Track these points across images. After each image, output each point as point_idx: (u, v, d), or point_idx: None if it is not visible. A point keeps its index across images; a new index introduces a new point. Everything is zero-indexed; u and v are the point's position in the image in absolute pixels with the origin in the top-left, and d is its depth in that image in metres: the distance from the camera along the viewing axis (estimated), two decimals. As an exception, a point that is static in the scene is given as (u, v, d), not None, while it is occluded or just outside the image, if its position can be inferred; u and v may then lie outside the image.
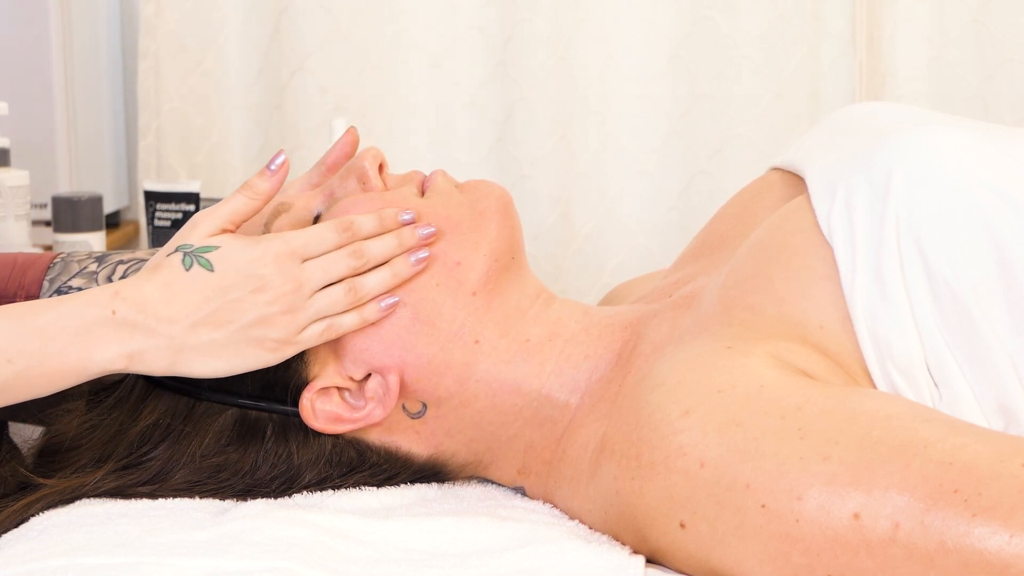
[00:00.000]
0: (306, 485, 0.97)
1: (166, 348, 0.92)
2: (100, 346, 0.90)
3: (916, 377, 0.89)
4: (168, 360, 0.92)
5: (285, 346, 0.93)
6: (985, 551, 0.75)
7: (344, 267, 0.94)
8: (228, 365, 0.93)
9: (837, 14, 1.93)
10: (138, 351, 0.91)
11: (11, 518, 0.93)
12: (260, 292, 0.92)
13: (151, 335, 0.91)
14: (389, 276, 0.96)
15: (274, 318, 0.92)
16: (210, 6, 2.02)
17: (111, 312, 0.91)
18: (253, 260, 0.93)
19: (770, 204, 1.06)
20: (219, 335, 0.92)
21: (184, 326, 0.92)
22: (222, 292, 0.92)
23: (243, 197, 0.96)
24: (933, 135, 0.94)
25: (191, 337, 0.92)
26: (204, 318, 0.92)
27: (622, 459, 0.88)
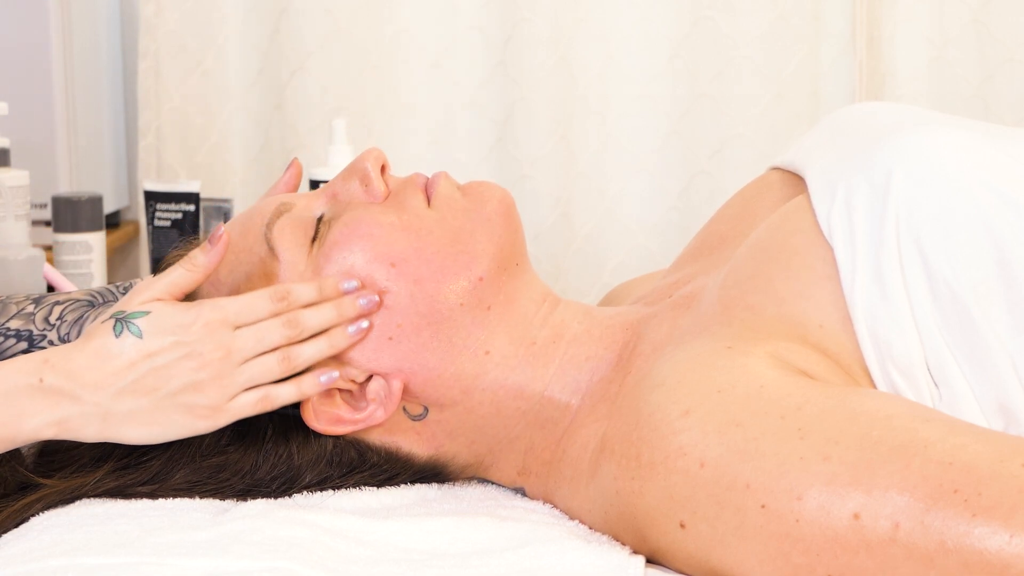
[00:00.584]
0: (306, 485, 0.97)
1: (93, 415, 0.91)
2: (28, 414, 0.91)
3: (916, 377, 0.89)
4: (96, 427, 0.92)
5: (217, 413, 0.92)
6: (985, 551, 0.76)
7: (278, 336, 0.93)
8: (158, 432, 0.92)
9: (837, 14, 1.93)
10: (65, 418, 0.91)
11: (11, 518, 0.93)
12: (188, 359, 0.91)
13: (77, 402, 0.91)
14: (326, 346, 0.94)
15: (203, 385, 0.91)
16: (210, 6, 2.02)
17: (39, 380, 0.91)
18: (182, 326, 0.92)
19: (770, 204, 1.06)
20: (145, 402, 0.91)
21: (109, 393, 0.91)
22: (149, 358, 0.91)
23: (182, 270, 0.95)
24: (933, 135, 0.94)
25: (117, 404, 0.91)
26: (130, 384, 0.91)
27: (622, 459, 0.88)
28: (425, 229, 0.97)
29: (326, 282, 0.95)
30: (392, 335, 0.96)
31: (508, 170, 2.01)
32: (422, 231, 0.97)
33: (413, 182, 1.01)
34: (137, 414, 0.92)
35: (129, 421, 0.92)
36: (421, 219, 0.98)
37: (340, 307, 0.95)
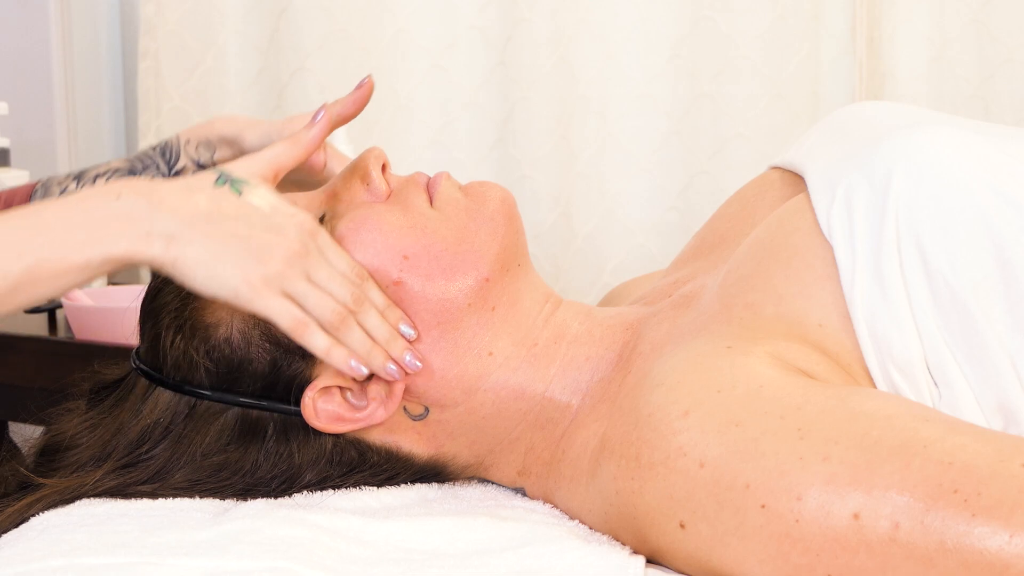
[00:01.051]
0: (306, 485, 0.97)
1: (160, 236, 0.88)
2: (104, 232, 0.88)
3: (916, 376, 0.89)
4: (160, 248, 0.88)
5: (262, 291, 0.90)
6: (985, 551, 0.75)
7: (342, 292, 0.92)
8: (202, 275, 0.89)
9: (837, 14, 1.93)
10: (137, 237, 0.88)
11: (11, 518, 0.94)
12: (273, 234, 0.90)
13: (147, 221, 0.88)
14: (366, 349, 0.94)
15: (269, 260, 0.90)
16: (210, 6, 2.02)
17: (115, 196, 0.89)
18: (280, 209, 0.92)
19: (770, 203, 1.06)
20: (213, 244, 0.89)
21: (186, 219, 0.89)
22: (239, 211, 0.90)
23: (286, 145, 0.96)
24: (933, 135, 0.94)
25: (187, 231, 0.88)
26: (210, 223, 0.89)
27: (622, 459, 0.88)
28: (431, 228, 0.97)
29: (394, 310, 0.96)
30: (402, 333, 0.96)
31: (508, 170, 2.01)
32: (428, 229, 0.97)
33: (415, 181, 1.01)
34: (201, 250, 0.89)
35: (189, 256, 0.89)
36: (426, 218, 0.98)
37: (394, 339, 0.95)
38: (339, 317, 0.92)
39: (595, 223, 1.99)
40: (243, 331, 0.96)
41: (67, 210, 0.89)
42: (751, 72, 1.94)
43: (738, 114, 1.95)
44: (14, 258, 0.87)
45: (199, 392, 0.97)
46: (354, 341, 0.93)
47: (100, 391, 1.02)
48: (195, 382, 0.97)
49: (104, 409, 1.00)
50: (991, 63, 1.90)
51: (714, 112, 1.96)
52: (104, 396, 1.01)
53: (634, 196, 1.99)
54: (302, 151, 0.97)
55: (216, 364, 0.96)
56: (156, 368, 0.98)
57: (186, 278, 0.89)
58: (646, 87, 1.97)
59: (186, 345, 0.97)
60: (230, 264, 0.89)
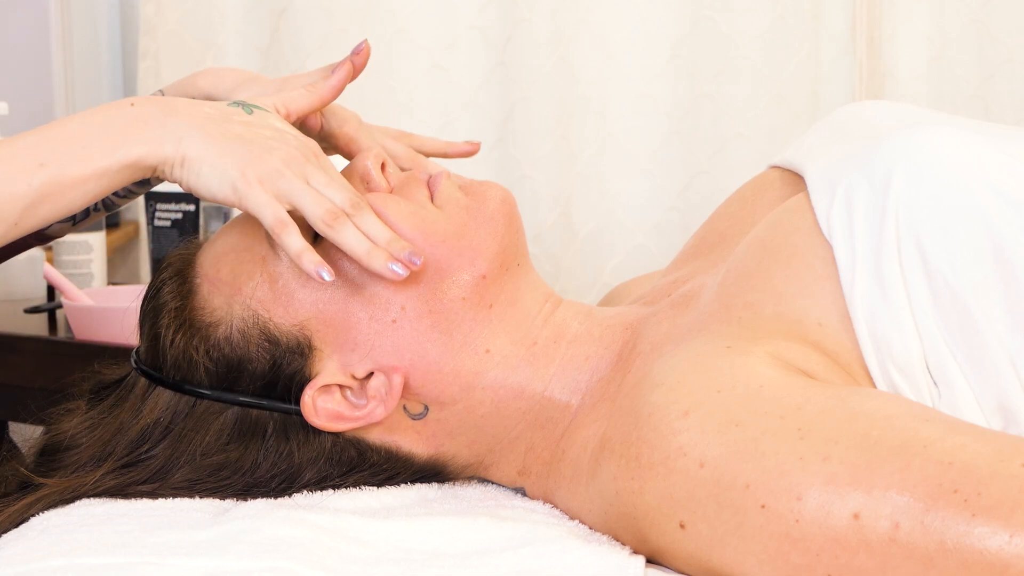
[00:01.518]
0: (306, 484, 0.97)
1: (171, 138, 0.92)
2: (120, 136, 0.92)
3: (916, 376, 0.89)
4: (172, 147, 0.92)
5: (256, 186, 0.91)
6: (985, 551, 0.75)
7: (338, 196, 0.93)
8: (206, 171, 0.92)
9: (837, 14, 1.93)
10: (151, 139, 0.92)
11: (11, 518, 0.93)
12: (275, 140, 0.94)
13: (163, 124, 0.92)
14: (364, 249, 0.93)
15: (267, 161, 0.92)
16: (210, 6, 2.02)
17: (129, 104, 0.93)
18: (287, 129, 0.96)
19: (769, 202, 1.06)
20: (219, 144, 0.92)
21: (197, 120, 0.93)
22: (246, 123, 0.95)
23: (302, 90, 1.01)
24: (933, 135, 0.94)
25: (196, 133, 0.92)
26: (218, 123, 0.93)
27: (622, 459, 0.88)
28: (431, 220, 0.97)
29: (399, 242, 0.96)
30: (396, 318, 0.96)
31: (508, 170, 2.01)
32: (428, 221, 0.97)
33: (416, 178, 1.01)
34: (207, 147, 0.92)
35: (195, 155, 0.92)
36: (427, 210, 0.98)
37: (395, 239, 0.94)
38: (332, 215, 0.92)
39: (595, 223, 1.99)
40: (242, 330, 0.96)
41: (84, 121, 0.93)
42: (751, 72, 1.94)
43: (738, 114, 1.95)
44: (36, 168, 0.90)
45: (199, 391, 0.97)
46: (349, 237, 0.93)
47: (100, 391, 1.02)
48: (195, 381, 0.97)
49: (104, 409, 1.00)
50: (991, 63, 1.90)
51: (714, 112, 1.96)
52: (104, 396, 1.01)
53: (634, 196, 1.99)
54: (317, 99, 1.02)
55: (215, 363, 0.96)
56: (156, 368, 0.98)
57: (191, 174, 0.92)
58: (646, 87, 1.97)
59: (185, 344, 0.97)
60: (231, 160, 0.92)
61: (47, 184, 0.90)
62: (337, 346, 0.97)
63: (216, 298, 0.98)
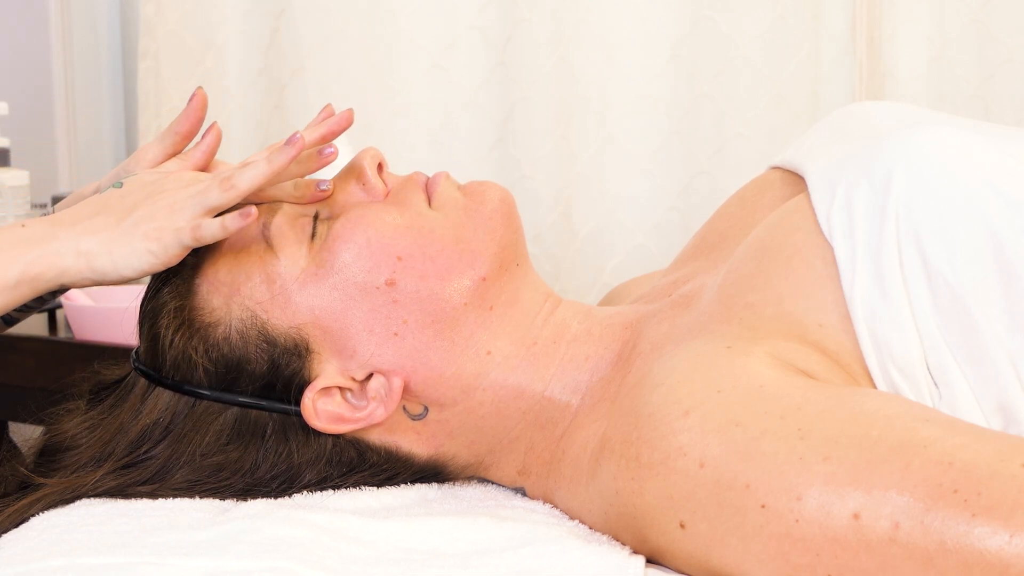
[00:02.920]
0: (306, 485, 0.97)
1: (68, 251, 0.96)
2: (15, 254, 0.95)
3: (916, 376, 0.89)
4: (72, 259, 0.96)
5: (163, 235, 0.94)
6: (985, 551, 0.75)
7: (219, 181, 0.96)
8: (120, 260, 0.95)
9: (837, 14, 1.93)
10: (44, 254, 0.95)
11: (11, 518, 0.94)
12: (151, 194, 0.97)
13: (54, 239, 0.96)
14: (264, 165, 0.95)
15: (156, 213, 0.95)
16: (210, 6, 2.02)
17: (20, 226, 0.97)
18: (155, 180, 0.98)
19: (770, 203, 1.06)
20: (111, 233, 0.95)
21: (81, 227, 0.96)
22: (120, 198, 0.97)
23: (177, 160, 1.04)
24: (933, 135, 0.94)
25: (86, 236, 0.96)
26: (100, 218, 0.96)
27: (621, 459, 0.88)
28: (428, 228, 0.97)
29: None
30: (398, 331, 0.96)
31: (508, 170, 2.01)
32: (425, 229, 0.97)
33: (413, 181, 1.01)
34: (105, 243, 0.95)
35: (100, 252, 0.96)
36: (424, 217, 0.98)
37: (271, 156, 0.96)
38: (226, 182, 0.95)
39: (595, 223, 1.99)
40: (241, 331, 0.96)
41: None
42: (751, 72, 1.94)
43: (738, 114, 1.95)
44: None
45: (198, 392, 0.97)
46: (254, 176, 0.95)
47: (100, 391, 1.02)
48: (194, 382, 0.97)
49: (104, 409, 1.00)
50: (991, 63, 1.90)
51: (714, 112, 1.96)
52: (104, 396, 1.01)
53: (634, 196, 1.99)
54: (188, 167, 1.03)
55: (215, 364, 0.96)
56: (155, 368, 0.98)
57: (106, 265, 0.96)
58: (646, 87, 1.97)
59: (185, 345, 0.97)
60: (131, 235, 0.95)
61: None
62: (335, 351, 0.97)
63: (215, 298, 0.98)
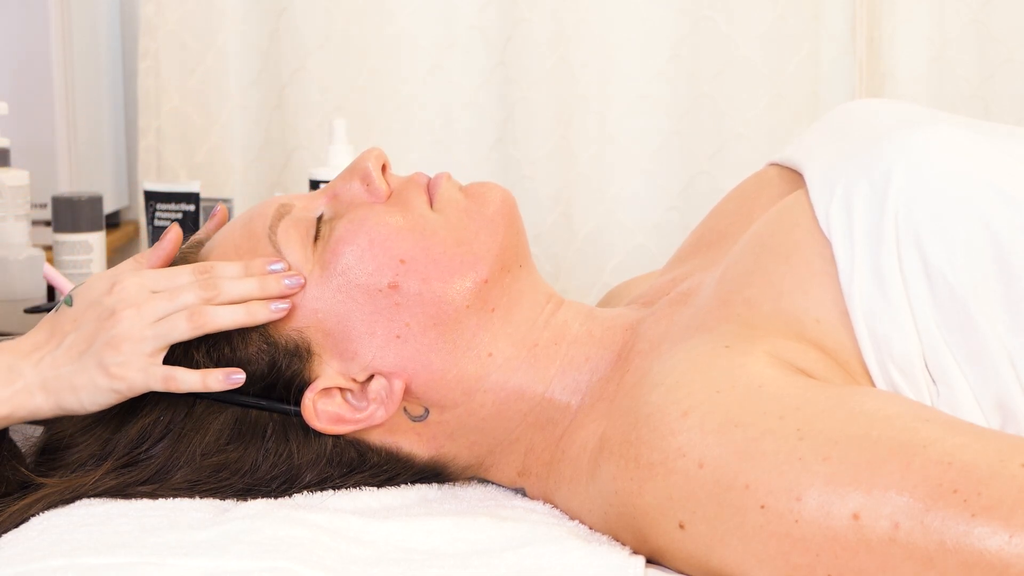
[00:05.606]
0: (306, 485, 0.97)
1: (35, 386, 0.94)
2: None
3: (915, 375, 0.89)
4: (41, 398, 0.94)
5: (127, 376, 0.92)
6: (985, 551, 0.75)
7: (192, 296, 0.94)
8: (86, 398, 0.94)
9: (837, 14, 1.93)
10: (13, 393, 0.94)
11: (11, 518, 0.93)
12: (105, 319, 0.93)
13: (21, 376, 0.94)
14: (243, 315, 0.94)
15: (117, 342, 0.93)
16: (210, 6, 2.02)
17: None
18: (104, 291, 0.95)
19: (768, 200, 1.06)
20: (72, 367, 0.94)
21: (46, 362, 0.94)
22: (75, 323, 0.95)
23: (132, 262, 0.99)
24: (933, 133, 0.94)
25: (50, 371, 0.94)
26: (61, 351, 0.94)
27: (621, 459, 0.88)
28: (430, 230, 0.97)
29: (253, 262, 0.96)
30: (400, 334, 0.96)
31: (508, 170, 2.01)
32: (427, 231, 0.97)
33: (415, 182, 1.01)
34: (68, 379, 0.94)
35: (64, 388, 0.94)
36: (426, 220, 0.98)
37: (263, 282, 0.95)
38: (192, 320, 0.93)
39: (595, 223, 1.99)
40: (241, 333, 0.96)
41: None
42: (751, 72, 1.94)
43: (738, 114, 1.95)
44: None
45: (199, 391, 0.97)
46: (223, 319, 0.94)
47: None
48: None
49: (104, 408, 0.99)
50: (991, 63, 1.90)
51: (714, 112, 1.96)
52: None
53: (634, 196, 1.99)
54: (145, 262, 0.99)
55: (215, 363, 0.96)
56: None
57: (74, 408, 0.94)
58: (646, 87, 1.97)
59: (185, 344, 0.96)
60: (91, 373, 0.93)
61: None
62: (336, 353, 0.96)
63: (216, 298, 0.97)
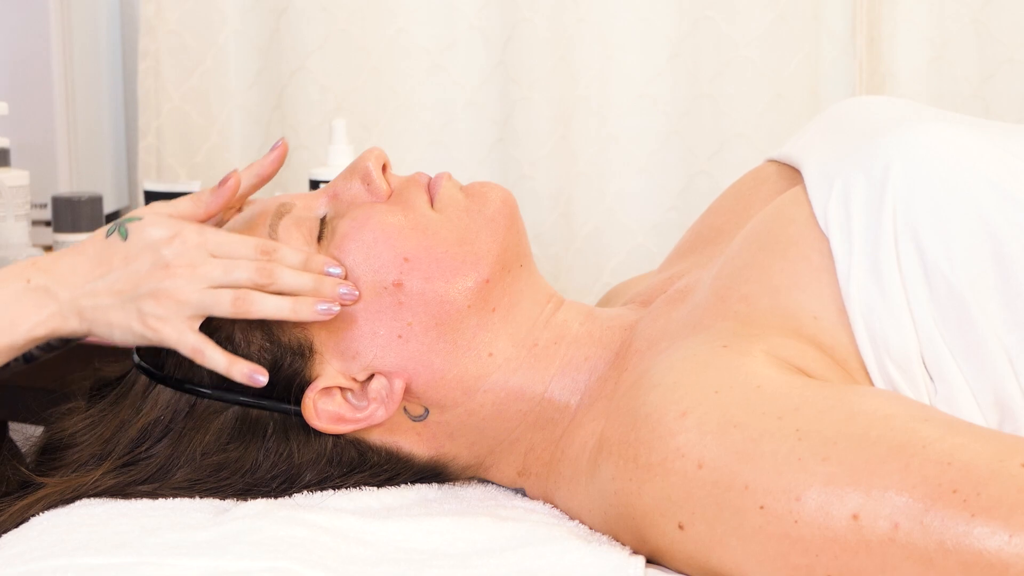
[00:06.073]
0: (307, 485, 0.97)
1: (70, 312, 0.95)
2: (20, 318, 0.95)
3: (912, 371, 0.89)
4: (76, 322, 0.95)
5: (161, 329, 0.93)
6: (984, 551, 0.75)
7: (246, 276, 0.94)
8: (118, 335, 0.94)
9: (837, 14, 1.93)
10: (49, 316, 0.95)
11: (11, 518, 0.94)
12: (158, 268, 0.93)
13: (56, 299, 0.95)
14: (287, 309, 0.94)
15: (161, 295, 0.93)
16: (210, 6, 2.02)
17: (26, 281, 0.95)
18: (164, 238, 0.94)
19: (765, 197, 1.06)
20: (112, 302, 0.94)
21: (84, 290, 0.95)
22: (126, 262, 0.94)
23: (189, 202, 0.98)
24: (931, 130, 0.94)
25: (88, 300, 0.94)
26: (103, 284, 0.94)
27: (620, 460, 0.88)
28: (432, 229, 0.97)
29: (315, 257, 0.96)
30: (402, 333, 0.96)
31: (508, 170, 2.01)
32: (429, 231, 0.97)
33: (416, 181, 1.01)
34: (105, 312, 0.94)
35: (99, 319, 0.94)
36: (428, 219, 0.98)
37: (320, 281, 0.95)
38: (239, 303, 0.93)
39: (595, 223, 1.99)
40: (244, 330, 0.96)
41: None
42: (751, 72, 1.94)
43: (738, 114, 1.95)
44: None
45: (199, 390, 0.97)
46: (266, 308, 0.93)
47: (101, 388, 1.02)
48: (195, 380, 0.97)
49: (104, 406, 1.00)
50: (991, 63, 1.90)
51: (714, 112, 1.96)
52: (105, 393, 1.01)
53: (634, 196, 1.99)
54: (202, 211, 0.99)
55: (218, 360, 0.96)
56: (157, 366, 0.98)
57: (105, 336, 0.95)
58: (646, 87, 1.97)
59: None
60: (128, 314, 0.93)
61: None
62: (338, 352, 0.97)
63: (218, 298, 0.97)
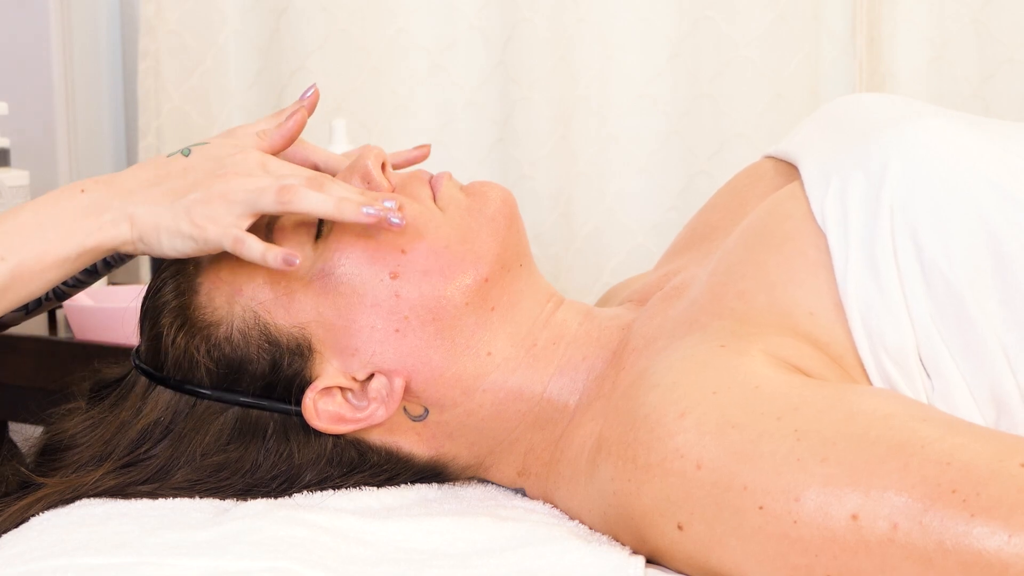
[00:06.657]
0: (307, 485, 0.97)
1: (121, 219, 0.95)
2: (73, 226, 0.94)
3: (910, 367, 0.89)
4: (126, 229, 0.95)
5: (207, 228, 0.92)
6: (984, 551, 0.75)
7: (296, 181, 0.94)
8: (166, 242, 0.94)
9: (837, 14, 1.93)
10: (102, 225, 0.95)
11: (11, 518, 0.94)
12: (215, 171, 0.94)
13: (108, 209, 0.95)
14: (331, 205, 0.93)
15: (212, 199, 0.93)
16: (210, 6, 2.02)
17: (80, 191, 0.95)
18: (225, 152, 0.96)
19: (762, 193, 1.05)
20: (163, 208, 0.94)
21: (138, 197, 0.95)
22: (184, 171, 0.95)
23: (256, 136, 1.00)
24: (930, 127, 0.94)
25: (141, 206, 0.94)
26: (157, 191, 0.95)
27: (619, 460, 0.88)
28: (434, 224, 0.97)
29: (369, 192, 0.96)
30: (399, 327, 0.96)
31: (508, 170, 2.01)
32: (431, 225, 0.97)
33: (419, 177, 1.01)
34: (156, 218, 0.94)
35: (149, 226, 0.94)
36: (432, 212, 0.98)
37: (369, 196, 0.95)
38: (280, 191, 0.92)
39: (595, 223, 1.99)
40: (243, 330, 0.96)
41: (40, 211, 0.95)
42: (751, 72, 1.94)
43: (738, 114, 1.95)
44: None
45: (199, 391, 0.97)
46: (310, 203, 0.93)
47: (101, 390, 1.02)
48: (195, 381, 0.97)
49: (105, 408, 1.00)
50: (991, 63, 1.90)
51: (714, 112, 1.96)
52: (105, 395, 1.01)
53: (634, 196, 1.99)
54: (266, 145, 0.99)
55: (216, 363, 0.96)
56: (156, 367, 0.98)
57: (155, 244, 0.94)
58: (646, 87, 1.97)
59: (187, 344, 0.97)
60: (179, 217, 0.93)
61: (7, 276, 0.93)
62: (338, 351, 0.97)
63: (217, 297, 0.98)
